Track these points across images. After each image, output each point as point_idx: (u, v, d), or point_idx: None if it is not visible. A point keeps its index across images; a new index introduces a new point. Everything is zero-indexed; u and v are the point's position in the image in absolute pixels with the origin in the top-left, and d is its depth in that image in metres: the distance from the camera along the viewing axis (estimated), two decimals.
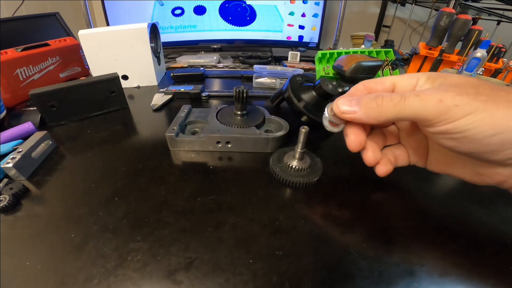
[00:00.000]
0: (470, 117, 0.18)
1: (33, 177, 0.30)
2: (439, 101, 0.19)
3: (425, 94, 0.19)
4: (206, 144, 0.34)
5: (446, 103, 0.18)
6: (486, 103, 0.18)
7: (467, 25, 0.60)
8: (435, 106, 0.19)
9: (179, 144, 0.34)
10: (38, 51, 0.51)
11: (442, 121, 0.19)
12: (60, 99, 0.41)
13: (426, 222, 0.26)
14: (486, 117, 0.18)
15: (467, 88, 0.19)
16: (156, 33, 0.61)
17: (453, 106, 0.18)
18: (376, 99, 0.21)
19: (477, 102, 0.18)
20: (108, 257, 0.21)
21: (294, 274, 0.20)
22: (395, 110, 0.20)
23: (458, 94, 0.18)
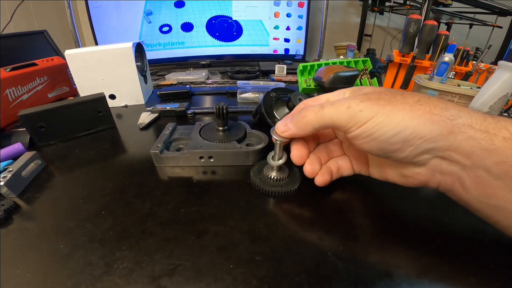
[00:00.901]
0: (373, 120, 0.21)
1: (23, 194, 0.32)
2: (347, 108, 0.21)
3: (337, 102, 0.22)
4: (190, 159, 0.36)
5: (353, 109, 0.21)
6: (384, 107, 0.20)
7: (434, 31, 0.64)
8: (344, 112, 0.22)
9: (164, 161, 0.36)
10: (26, 71, 0.52)
11: (353, 126, 0.22)
12: (48, 120, 0.42)
13: (403, 224, 0.27)
14: (385, 119, 0.20)
15: (371, 95, 0.21)
16: (142, 52, 0.63)
17: (358, 111, 0.21)
18: (301, 112, 0.24)
19: (377, 106, 0.21)
20: (95, 265, 0.22)
21: (273, 278, 0.21)
22: (316, 118, 0.23)
23: (362, 101, 0.21)
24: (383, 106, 0.20)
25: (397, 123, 0.20)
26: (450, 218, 0.27)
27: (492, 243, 0.24)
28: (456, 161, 0.20)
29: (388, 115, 0.20)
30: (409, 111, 0.20)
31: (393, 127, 0.20)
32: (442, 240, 0.25)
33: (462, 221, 0.27)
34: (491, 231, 0.24)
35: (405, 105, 0.20)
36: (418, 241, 0.25)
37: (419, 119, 0.19)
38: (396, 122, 0.20)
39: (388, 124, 0.20)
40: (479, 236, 0.25)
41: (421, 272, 0.22)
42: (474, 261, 0.23)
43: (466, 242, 0.25)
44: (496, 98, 0.52)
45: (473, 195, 0.20)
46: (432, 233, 0.25)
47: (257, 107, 0.46)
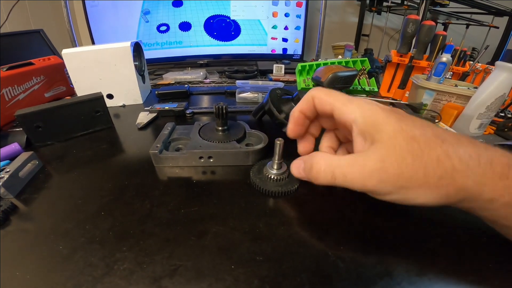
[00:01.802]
0: (389, 196, 0.21)
1: (21, 195, 0.31)
2: (363, 187, 0.21)
3: (352, 177, 0.21)
4: (189, 159, 0.36)
5: (368, 190, 0.21)
6: (403, 188, 0.20)
7: (432, 31, 0.64)
8: (358, 183, 0.21)
9: (163, 161, 0.36)
10: (22, 71, 0.52)
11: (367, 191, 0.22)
12: (45, 120, 0.42)
13: (402, 223, 0.27)
14: (402, 198, 0.20)
15: (392, 161, 0.20)
16: (140, 52, 0.63)
17: (372, 186, 0.21)
18: (311, 172, 0.25)
19: (395, 186, 0.20)
20: (95, 266, 0.22)
21: (274, 278, 0.21)
22: (334, 184, 0.23)
23: (376, 184, 0.20)
24: (400, 187, 0.20)
25: (411, 200, 0.20)
26: (448, 218, 0.28)
27: (490, 242, 0.24)
28: None
29: (403, 194, 0.20)
30: (427, 191, 0.20)
31: (405, 202, 0.21)
32: (441, 239, 0.25)
33: (461, 220, 0.27)
34: (490, 231, 0.24)
35: (424, 185, 0.19)
36: (418, 240, 0.25)
37: (439, 199, 0.20)
38: (411, 199, 0.20)
39: (402, 200, 0.21)
40: (477, 234, 0.25)
41: (421, 271, 0.22)
42: (472, 260, 0.23)
43: (464, 240, 0.25)
44: (493, 99, 0.52)
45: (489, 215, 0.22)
46: (431, 232, 0.26)
47: (260, 104, 0.46)
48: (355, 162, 0.21)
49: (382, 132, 0.20)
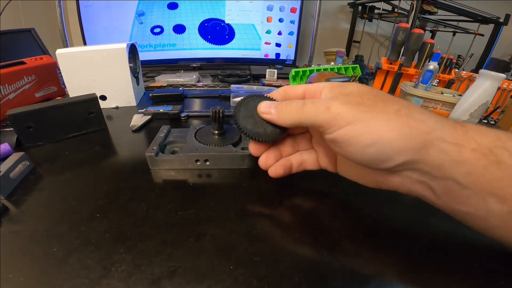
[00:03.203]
0: (350, 126, 0.20)
1: (11, 196, 0.31)
2: (326, 109, 0.21)
3: (318, 101, 0.22)
4: (185, 162, 0.36)
5: (332, 111, 0.21)
6: (365, 113, 0.20)
7: (421, 39, 0.67)
8: (324, 113, 0.21)
9: (159, 163, 0.36)
10: (14, 70, 0.51)
11: (330, 128, 0.21)
12: (37, 120, 0.41)
13: (392, 224, 0.28)
14: (363, 127, 0.20)
15: (353, 97, 0.21)
16: (135, 53, 0.62)
17: (337, 114, 0.20)
18: (286, 104, 0.24)
19: (357, 112, 0.20)
20: (92, 268, 0.22)
21: (273, 278, 0.21)
22: (297, 115, 0.23)
23: (342, 103, 0.20)
24: (363, 112, 0.20)
25: (374, 133, 0.20)
26: (436, 218, 0.29)
27: (474, 242, 0.26)
28: (427, 173, 0.20)
29: (367, 123, 0.20)
30: (387, 122, 0.20)
31: (369, 136, 0.20)
32: (429, 239, 0.26)
33: (447, 222, 0.28)
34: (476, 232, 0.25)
35: (384, 114, 0.20)
36: (407, 241, 0.26)
37: (397, 132, 0.19)
38: (374, 131, 0.20)
39: (365, 133, 0.20)
40: (462, 236, 0.27)
41: (411, 269, 0.23)
42: (459, 259, 0.24)
43: (452, 240, 0.26)
44: (476, 106, 0.54)
45: (444, 201, 0.21)
46: (420, 233, 0.27)
47: None
48: (321, 100, 0.23)
49: (347, 88, 0.22)
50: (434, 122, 0.20)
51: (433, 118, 0.20)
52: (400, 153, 0.20)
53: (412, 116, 0.20)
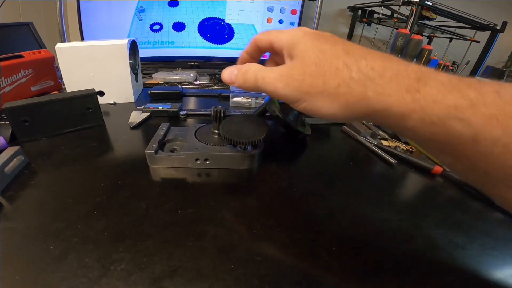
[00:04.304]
0: (298, 103, 0.23)
1: (5, 192, 0.30)
2: (274, 89, 0.23)
3: (268, 80, 0.24)
4: (185, 161, 0.35)
5: (279, 93, 0.23)
6: (305, 95, 0.22)
7: (420, 45, 0.68)
8: (274, 93, 0.23)
9: (159, 161, 0.35)
10: (11, 63, 0.50)
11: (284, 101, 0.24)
12: (33, 114, 0.40)
13: (387, 225, 0.29)
14: (308, 105, 0.22)
15: (297, 75, 0.22)
16: (135, 50, 0.62)
17: (283, 96, 0.23)
18: (243, 75, 0.26)
19: (298, 92, 0.22)
20: (91, 267, 0.21)
21: (273, 277, 0.22)
22: (254, 87, 0.25)
23: (286, 85, 0.22)
24: (304, 93, 0.22)
25: (319, 111, 0.22)
26: (428, 221, 0.30)
27: (465, 243, 0.27)
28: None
29: (309, 102, 0.22)
30: (328, 99, 0.21)
31: (316, 113, 0.22)
32: (421, 240, 0.27)
33: (439, 225, 0.30)
34: (467, 233, 0.27)
35: (324, 92, 0.21)
36: (401, 242, 0.27)
37: (336, 108, 0.21)
38: (317, 109, 0.22)
39: (311, 110, 0.22)
40: (454, 239, 0.28)
41: (408, 268, 0.24)
42: (450, 260, 0.25)
43: (443, 243, 0.27)
44: None
45: None
46: (413, 234, 0.28)
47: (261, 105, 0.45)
48: (273, 70, 0.24)
49: (297, 49, 0.23)
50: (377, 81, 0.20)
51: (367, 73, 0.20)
52: (350, 119, 0.22)
53: (353, 89, 0.20)
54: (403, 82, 0.19)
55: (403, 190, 0.36)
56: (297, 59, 0.23)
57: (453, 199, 0.35)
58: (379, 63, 0.20)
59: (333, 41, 0.22)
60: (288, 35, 0.24)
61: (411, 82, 0.19)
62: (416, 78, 0.19)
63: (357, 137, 0.47)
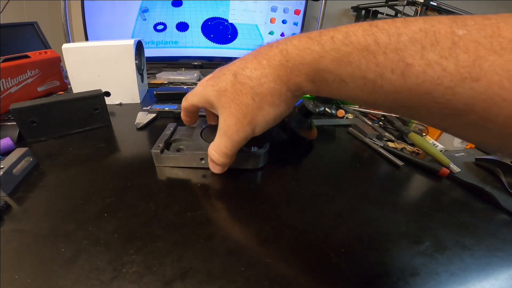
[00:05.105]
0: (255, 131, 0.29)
1: (14, 193, 0.30)
2: (237, 142, 0.29)
3: (225, 144, 0.30)
4: (190, 160, 0.35)
5: (240, 140, 0.29)
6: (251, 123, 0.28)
7: None
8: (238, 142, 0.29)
9: (164, 161, 0.35)
10: (18, 63, 0.50)
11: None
12: (41, 115, 0.40)
13: (395, 227, 0.29)
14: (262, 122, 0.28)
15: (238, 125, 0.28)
16: (141, 50, 0.62)
17: (244, 139, 0.29)
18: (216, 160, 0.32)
19: (249, 128, 0.28)
20: (102, 270, 0.21)
21: (283, 279, 0.22)
22: (231, 154, 0.31)
23: (239, 135, 0.28)
24: (248, 124, 0.27)
25: (266, 122, 0.28)
26: (435, 222, 0.30)
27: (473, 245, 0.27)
28: None
29: (257, 124, 0.28)
30: (262, 114, 0.27)
31: (266, 124, 0.28)
32: (431, 242, 0.27)
33: (445, 226, 0.30)
34: (475, 234, 0.27)
35: (258, 112, 0.26)
36: (409, 243, 0.27)
37: (273, 110, 0.27)
38: (265, 122, 0.28)
39: (263, 125, 0.28)
40: (460, 239, 0.28)
41: (414, 271, 0.24)
42: (459, 261, 0.25)
43: (450, 243, 0.27)
44: None
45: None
46: (422, 236, 0.28)
47: None
48: (220, 136, 0.30)
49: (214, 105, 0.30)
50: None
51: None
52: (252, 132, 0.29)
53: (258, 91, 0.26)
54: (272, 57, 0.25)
55: (410, 191, 0.36)
56: (220, 111, 0.28)
57: (459, 200, 0.35)
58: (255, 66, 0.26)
59: (220, 73, 0.29)
60: (198, 95, 0.31)
61: None
62: None
63: (363, 139, 0.47)
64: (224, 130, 0.28)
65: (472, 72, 0.15)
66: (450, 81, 0.15)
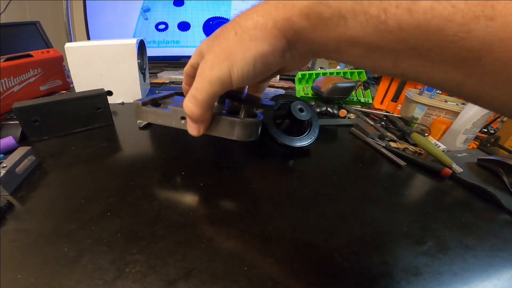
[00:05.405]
0: (231, 74, 0.22)
1: (17, 192, 0.30)
2: (209, 83, 0.23)
3: (200, 84, 0.24)
4: (170, 118, 0.31)
5: (214, 79, 0.23)
6: (226, 59, 0.22)
7: None
8: (211, 84, 0.23)
9: (144, 115, 0.33)
10: (21, 62, 0.50)
11: (228, 87, 0.24)
12: (44, 114, 0.40)
13: (398, 227, 0.29)
14: (235, 67, 0.22)
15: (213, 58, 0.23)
16: (143, 49, 0.62)
17: (217, 78, 0.23)
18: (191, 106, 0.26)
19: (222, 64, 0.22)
20: (106, 269, 0.21)
21: (286, 279, 0.22)
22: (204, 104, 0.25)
23: (206, 68, 0.23)
24: (225, 59, 0.22)
25: (245, 61, 0.21)
26: (438, 223, 0.30)
27: (475, 245, 0.27)
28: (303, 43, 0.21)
29: (234, 61, 0.22)
30: (241, 48, 0.21)
31: (246, 65, 0.22)
32: (433, 242, 0.27)
33: (448, 226, 0.30)
34: (477, 234, 0.27)
35: (236, 45, 0.22)
36: (412, 243, 0.27)
37: (253, 45, 0.21)
38: (243, 61, 0.21)
39: (242, 67, 0.22)
40: (463, 239, 0.28)
41: (417, 271, 0.24)
42: (461, 261, 0.25)
43: (454, 244, 0.28)
44: (479, 116, 0.55)
45: None
46: (424, 236, 0.28)
47: None
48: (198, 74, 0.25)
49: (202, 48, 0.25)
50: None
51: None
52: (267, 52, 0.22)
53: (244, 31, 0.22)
54: None
55: (412, 192, 0.36)
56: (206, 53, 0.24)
57: (462, 201, 0.35)
58: None
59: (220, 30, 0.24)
60: (196, 50, 0.27)
61: None
62: None
63: (365, 139, 0.47)
64: (200, 69, 0.24)
65: (485, 11, 0.14)
66: (462, 18, 0.14)
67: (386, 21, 0.16)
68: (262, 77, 0.24)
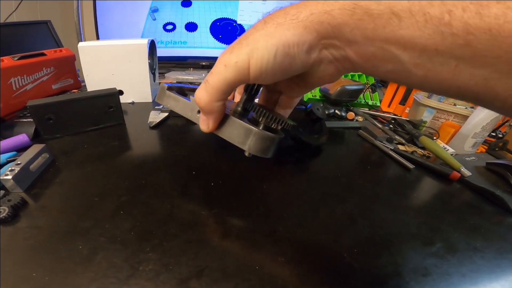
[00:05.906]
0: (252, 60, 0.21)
1: (30, 190, 0.31)
2: (225, 67, 0.22)
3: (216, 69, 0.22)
4: (188, 108, 0.30)
5: (230, 65, 0.21)
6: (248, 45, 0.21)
7: None
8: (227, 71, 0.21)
9: (165, 99, 0.32)
10: (34, 61, 0.51)
11: (245, 76, 0.21)
12: (57, 112, 0.41)
13: (406, 228, 0.29)
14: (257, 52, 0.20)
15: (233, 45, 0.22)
16: (154, 49, 0.63)
17: (235, 63, 0.21)
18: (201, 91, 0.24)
19: (243, 49, 0.21)
20: (119, 267, 0.22)
21: (297, 278, 0.22)
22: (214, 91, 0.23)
23: (230, 53, 0.21)
24: (246, 45, 0.21)
25: (266, 47, 0.20)
26: (446, 225, 0.30)
27: (483, 247, 0.28)
28: (338, 46, 0.20)
29: (256, 47, 0.20)
30: (265, 34, 0.20)
31: (267, 52, 0.20)
32: (442, 243, 0.28)
33: (456, 228, 0.30)
34: (485, 236, 0.28)
35: (261, 32, 0.20)
36: (420, 245, 0.27)
37: (278, 32, 0.19)
38: (264, 47, 0.20)
39: (263, 53, 0.20)
40: (471, 241, 0.28)
41: (426, 271, 0.24)
42: (470, 263, 0.26)
43: (461, 244, 0.28)
44: (489, 119, 0.55)
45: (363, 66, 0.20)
46: (433, 237, 0.28)
47: None
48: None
49: None
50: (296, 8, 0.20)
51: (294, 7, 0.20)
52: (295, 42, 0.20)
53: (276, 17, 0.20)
54: None
55: (421, 194, 0.36)
56: None
57: (470, 203, 0.35)
58: None
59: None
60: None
61: None
62: None
63: (373, 142, 0.47)
64: (221, 54, 0.23)
65: None
66: None
67: (450, 23, 0.15)
68: (282, 75, 0.22)
